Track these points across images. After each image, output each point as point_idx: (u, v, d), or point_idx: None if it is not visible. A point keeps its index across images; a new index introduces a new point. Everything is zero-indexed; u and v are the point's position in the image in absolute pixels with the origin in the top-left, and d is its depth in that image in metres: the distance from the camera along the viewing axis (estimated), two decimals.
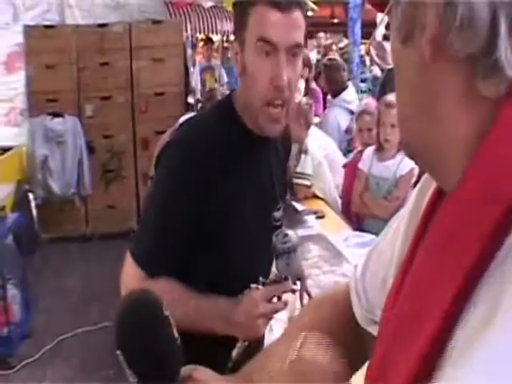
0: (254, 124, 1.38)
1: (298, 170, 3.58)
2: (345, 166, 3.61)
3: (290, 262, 1.40)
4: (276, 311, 1.38)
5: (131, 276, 1.38)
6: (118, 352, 0.78)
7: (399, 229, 0.77)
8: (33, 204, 5.30)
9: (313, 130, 3.83)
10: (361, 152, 3.47)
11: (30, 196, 5.29)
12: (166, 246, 1.35)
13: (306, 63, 5.06)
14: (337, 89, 4.72)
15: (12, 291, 3.69)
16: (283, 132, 1.53)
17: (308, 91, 4.95)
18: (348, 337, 0.89)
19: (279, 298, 1.38)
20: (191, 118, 1.57)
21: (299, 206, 3.33)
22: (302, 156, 3.55)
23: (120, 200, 5.78)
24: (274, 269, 1.48)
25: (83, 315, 4.10)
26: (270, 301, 1.34)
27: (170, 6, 6.86)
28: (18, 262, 3.91)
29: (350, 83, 4.89)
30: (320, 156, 3.63)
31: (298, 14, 1.29)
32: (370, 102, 3.89)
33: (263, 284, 1.37)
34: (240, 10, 1.33)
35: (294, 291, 1.53)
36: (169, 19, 6.58)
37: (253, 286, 1.36)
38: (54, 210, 5.54)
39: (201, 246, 1.38)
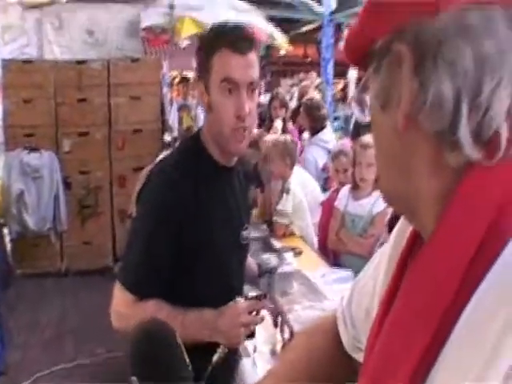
0: (221, 152, 1.61)
1: (279, 207, 3.67)
2: (322, 203, 3.71)
3: (270, 282, 1.68)
4: (255, 323, 1.58)
5: (122, 301, 1.54)
6: (134, 378, 0.83)
7: (381, 264, 0.85)
8: (7, 239, 5.27)
9: (295, 168, 3.94)
10: (337, 190, 3.58)
11: (5, 231, 5.26)
12: (152, 272, 1.52)
13: (283, 104, 5.22)
14: (317, 126, 4.89)
15: None
16: (247, 165, 1.86)
17: (285, 130, 5.09)
18: (338, 364, 0.96)
19: (257, 313, 1.59)
20: (165, 158, 1.75)
21: (277, 244, 3.40)
22: (284, 195, 3.65)
23: (96, 236, 5.77)
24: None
25: (59, 352, 4.06)
26: (250, 313, 1.56)
27: (146, 43, 6.96)
28: None
29: (328, 123, 5.05)
30: (301, 195, 3.73)
31: (253, 55, 1.55)
32: (346, 142, 4.01)
33: (246, 298, 1.57)
34: (203, 56, 1.56)
35: (270, 309, 1.82)
36: (146, 57, 6.68)
37: (237, 298, 1.55)
38: (29, 245, 5.51)
39: (182, 269, 1.55)
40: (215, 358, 1.46)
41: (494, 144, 0.55)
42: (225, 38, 1.52)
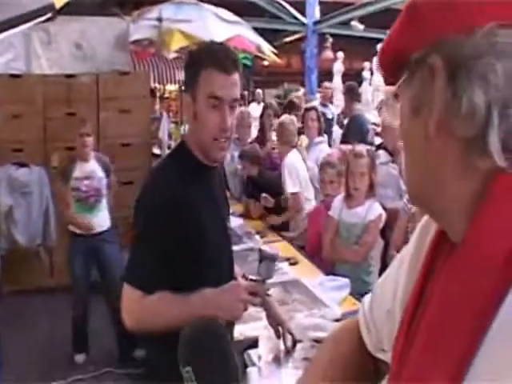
0: (204, 156, 1.75)
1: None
2: (309, 213, 3.79)
3: (269, 269, 1.77)
4: (253, 304, 1.77)
5: (131, 299, 1.65)
6: (188, 368, 0.90)
7: (402, 265, 0.88)
8: None
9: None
10: (324, 201, 3.67)
11: None
12: (156, 267, 1.64)
13: (276, 114, 5.27)
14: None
15: None
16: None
17: None
18: (363, 365, 0.99)
19: (256, 295, 1.73)
20: (156, 165, 1.92)
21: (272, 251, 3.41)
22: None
23: None
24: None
25: (49, 370, 4.04)
26: (249, 294, 1.71)
27: (134, 56, 6.99)
28: None
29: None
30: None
31: (236, 75, 1.71)
32: (334, 153, 4.03)
33: (246, 279, 1.73)
34: (192, 71, 1.72)
35: (271, 321, 2.00)
36: (135, 71, 6.69)
37: (239, 278, 1.72)
38: (18, 261, 5.40)
39: (183, 261, 1.67)
40: None
41: None
42: (212, 58, 1.68)
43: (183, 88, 1.83)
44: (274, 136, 5.07)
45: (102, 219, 4.41)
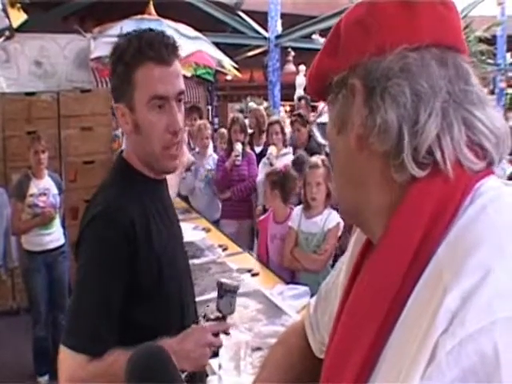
0: (152, 170, 1.50)
1: None
2: (260, 221, 4.01)
3: (232, 302, 1.56)
4: (219, 345, 1.51)
5: (74, 365, 1.34)
6: None
7: (341, 272, 0.94)
8: None
9: None
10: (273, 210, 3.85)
11: None
12: (107, 324, 1.35)
13: (242, 129, 5.34)
14: None
15: None
16: None
17: (244, 154, 5.27)
18: (312, 367, 1.03)
19: (217, 335, 1.50)
20: (100, 192, 1.52)
21: (234, 265, 3.46)
22: None
23: None
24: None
25: None
26: (213, 335, 1.48)
27: (96, 74, 6.98)
28: None
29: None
30: None
31: (177, 63, 1.44)
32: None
33: (207, 319, 1.54)
34: (121, 74, 1.42)
35: (228, 333, 1.60)
36: (97, 88, 6.69)
37: (200, 319, 1.50)
38: None
39: (139, 302, 1.42)
40: None
41: (433, 162, 0.66)
42: (146, 50, 1.39)
43: (113, 99, 1.48)
44: (239, 148, 5.19)
45: (57, 235, 4.47)
